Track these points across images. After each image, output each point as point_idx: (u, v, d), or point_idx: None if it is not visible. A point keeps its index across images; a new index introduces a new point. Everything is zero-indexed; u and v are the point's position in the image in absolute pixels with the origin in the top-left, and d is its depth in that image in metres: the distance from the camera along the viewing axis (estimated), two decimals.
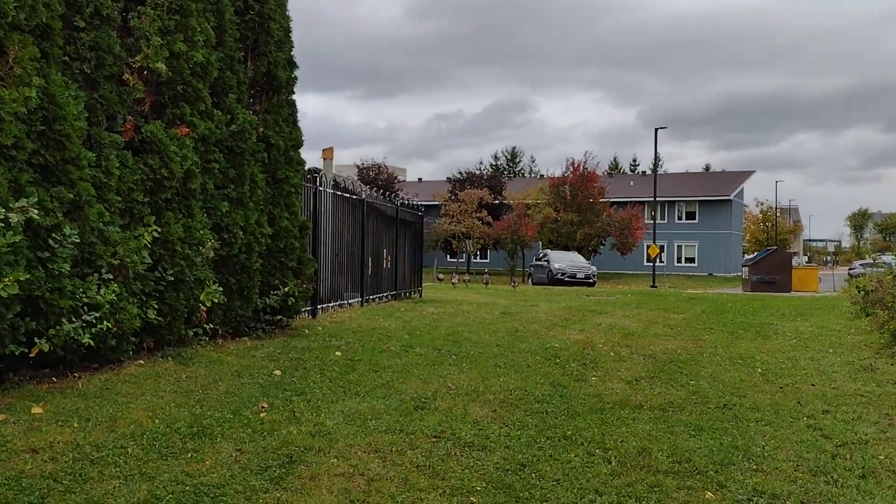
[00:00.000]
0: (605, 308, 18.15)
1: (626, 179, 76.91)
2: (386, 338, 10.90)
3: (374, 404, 6.49)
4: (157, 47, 7.57)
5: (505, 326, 13.29)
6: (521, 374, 8.42)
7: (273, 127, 10.40)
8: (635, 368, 9.17)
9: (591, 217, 52.30)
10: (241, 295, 9.58)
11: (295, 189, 10.82)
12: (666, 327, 14.10)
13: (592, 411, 6.74)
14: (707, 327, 14.18)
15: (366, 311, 15.11)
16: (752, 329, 13.94)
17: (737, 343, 11.86)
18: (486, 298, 21.43)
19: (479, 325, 13.29)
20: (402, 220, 18.89)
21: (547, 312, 16.51)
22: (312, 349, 9.30)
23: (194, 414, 5.77)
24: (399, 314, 14.71)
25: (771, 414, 6.96)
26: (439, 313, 15.47)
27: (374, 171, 62.06)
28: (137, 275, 7.37)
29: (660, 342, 11.68)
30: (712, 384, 8.30)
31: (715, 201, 64.13)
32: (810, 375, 9.10)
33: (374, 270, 17.23)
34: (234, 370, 7.59)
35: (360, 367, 8.25)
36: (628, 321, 14.98)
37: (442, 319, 14.16)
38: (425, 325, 12.85)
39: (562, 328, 13.45)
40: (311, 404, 6.36)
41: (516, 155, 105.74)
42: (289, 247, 10.65)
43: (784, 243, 79.83)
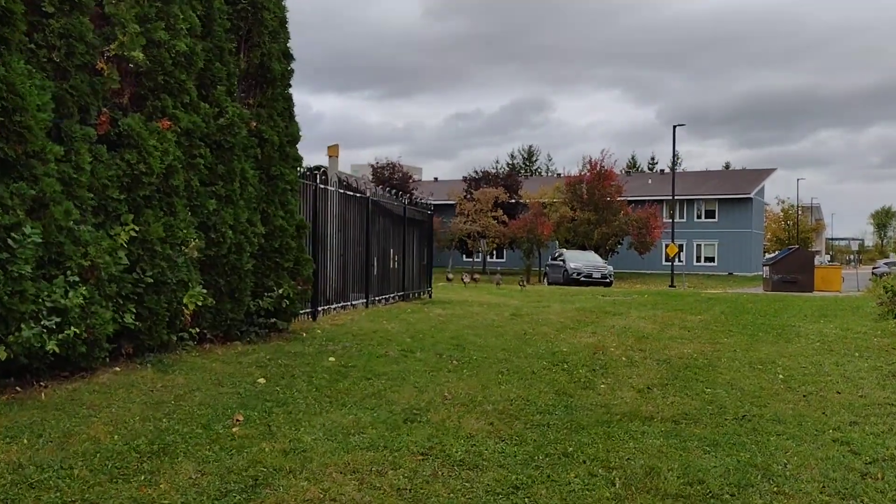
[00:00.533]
0: (619, 309, 17.58)
1: (644, 178, 76.05)
2: (386, 342, 10.41)
3: (360, 416, 5.98)
4: (133, 35, 7.11)
5: (513, 329, 12.76)
6: (525, 381, 7.89)
7: (267, 121, 9.93)
8: (648, 375, 8.62)
9: (608, 216, 51.58)
10: (231, 297, 9.12)
11: (291, 186, 10.35)
12: (682, 329, 13.52)
13: (598, 424, 6.21)
14: (725, 329, 13.58)
15: (370, 312, 14.63)
16: (772, 331, 13.33)
17: (757, 346, 11.27)
18: (498, 299, 20.90)
19: (486, 328, 12.77)
20: (410, 219, 18.40)
21: (559, 314, 15.97)
22: (306, 354, 8.82)
23: (159, 428, 5.30)
24: (404, 316, 14.21)
25: (794, 426, 6.40)
26: (447, 315, 14.96)
27: (389, 170, 61.62)
28: (112, 277, 6.91)
29: (675, 346, 11.12)
30: (730, 392, 7.74)
31: (735, 199, 63.18)
32: (836, 382, 8.52)
33: (381, 271, 16.75)
34: (216, 378, 7.11)
35: (353, 374, 7.75)
36: (643, 323, 14.41)
37: (448, 322, 13.66)
38: (430, 328, 12.34)
39: (573, 331, 12.90)
40: (290, 417, 5.87)
41: (533, 154, 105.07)
42: (284, 247, 10.18)
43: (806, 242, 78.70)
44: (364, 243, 15.20)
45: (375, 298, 16.19)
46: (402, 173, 62.08)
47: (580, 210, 51.92)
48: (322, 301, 13.60)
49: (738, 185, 64.97)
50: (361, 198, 15.04)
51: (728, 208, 63.55)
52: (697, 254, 64.48)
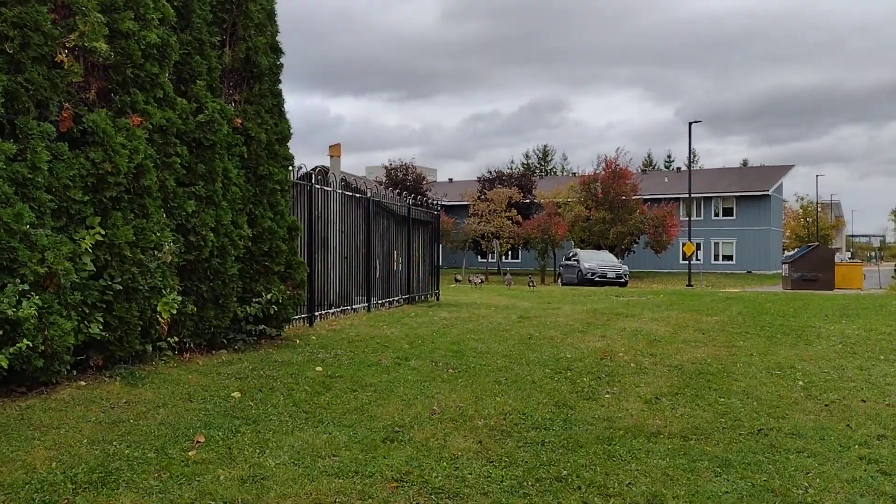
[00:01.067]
0: (632, 310, 16.98)
1: (660, 176, 75.16)
2: (382, 348, 9.89)
3: (335, 436, 5.45)
4: (95, 24, 6.61)
5: (519, 333, 12.21)
6: (523, 391, 7.34)
7: (254, 118, 9.43)
8: (657, 383, 8.05)
9: (623, 215, 50.83)
10: (215, 303, 8.62)
11: (281, 187, 9.85)
12: (697, 332, 12.92)
13: (599, 441, 5.66)
14: (742, 332, 12.97)
15: (372, 317, 14.11)
16: (792, 333, 12.70)
17: (775, 350, 10.65)
18: (508, 301, 20.34)
19: (490, 332, 12.22)
20: (415, 220, 17.87)
21: (569, 316, 15.40)
22: (292, 364, 8.31)
23: (107, 453, 4.79)
24: (407, 320, 13.69)
25: (815, 441, 5.82)
26: (452, 318, 14.43)
27: (402, 171, 61.15)
28: (75, 284, 6.42)
29: (688, 350, 10.53)
30: (745, 402, 7.16)
31: (753, 197, 62.21)
32: (860, 389, 7.92)
33: (384, 273, 16.24)
34: (187, 392, 6.60)
35: (338, 385, 7.23)
36: (656, 325, 13.82)
37: (452, 325, 13.12)
38: (431, 333, 11.81)
39: (581, 334, 12.33)
40: (258, 437, 5.35)
41: (548, 153, 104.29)
42: (274, 249, 9.67)
43: (825, 239, 77.54)
44: (365, 245, 14.69)
45: (379, 302, 15.68)
46: (415, 174, 61.60)
47: (595, 209, 51.21)
48: (321, 305, 13.11)
49: (755, 183, 63.99)
50: (362, 198, 14.52)
51: (746, 206, 62.60)
52: (715, 252, 63.57)
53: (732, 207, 63.29)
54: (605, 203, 51.16)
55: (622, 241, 51.03)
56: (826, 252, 35.14)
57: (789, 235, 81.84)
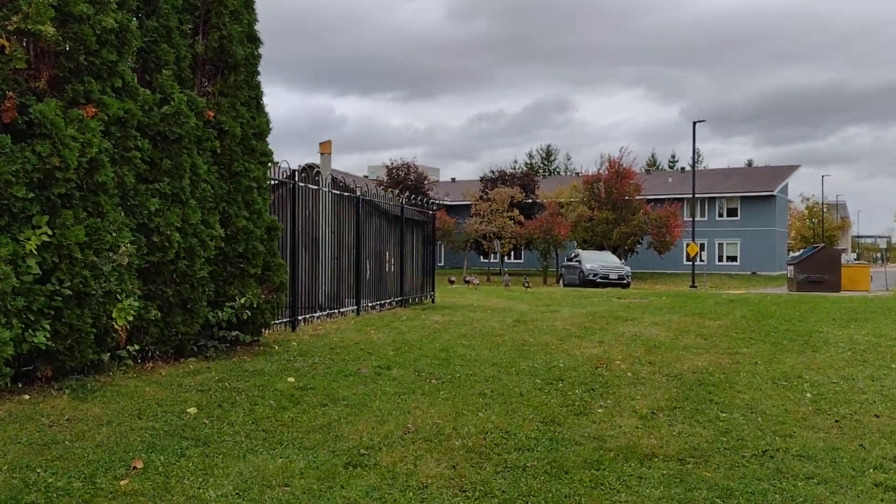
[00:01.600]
0: (633, 314, 16.41)
1: (664, 176, 74.55)
2: (365, 355, 9.34)
3: (292, 460, 4.90)
4: (40, 6, 6.06)
5: (512, 338, 11.65)
6: (509, 406, 6.78)
7: (228, 111, 8.89)
8: (655, 395, 7.49)
9: (626, 215, 50.28)
10: (183, 308, 8.08)
11: (258, 184, 9.30)
12: (699, 337, 12.35)
13: (586, 465, 5.10)
14: (746, 337, 12.39)
15: (361, 320, 13.56)
16: (798, 339, 12.13)
17: (781, 357, 10.09)
18: (505, 303, 19.77)
19: (482, 338, 11.67)
20: (409, 220, 17.32)
21: (566, 320, 14.83)
22: (264, 374, 7.76)
23: (27, 483, 4.23)
24: (397, 324, 13.14)
25: (826, 465, 5.27)
26: (444, 322, 13.88)
27: (404, 170, 60.59)
28: (17, 289, 5.88)
29: (690, 357, 9.97)
30: (749, 417, 6.60)
31: (758, 197, 61.55)
32: (872, 402, 7.36)
33: (376, 275, 15.70)
34: (139, 407, 6.05)
35: (308, 399, 6.67)
36: (657, 330, 13.25)
37: (444, 330, 12.57)
38: (420, 338, 11.26)
39: (578, 339, 11.77)
40: (205, 462, 4.79)
41: (551, 153, 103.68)
42: (250, 251, 9.13)
43: (831, 240, 76.86)
44: (354, 245, 14.13)
45: (369, 305, 15.13)
46: (417, 174, 61.02)
47: (598, 209, 50.66)
48: (308, 309, 12.57)
49: (760, 183, 63.33)
50: (352, 197, 13.97)
51: (750, 206, 61.94)
52: (719, 253, 62.93)
53: (737, 208, 62.64)
54: (608, 203, 50.62)
55: (625, 241, 50.49)
56: (832, 253, 34.51)
57: (794, 236, 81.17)
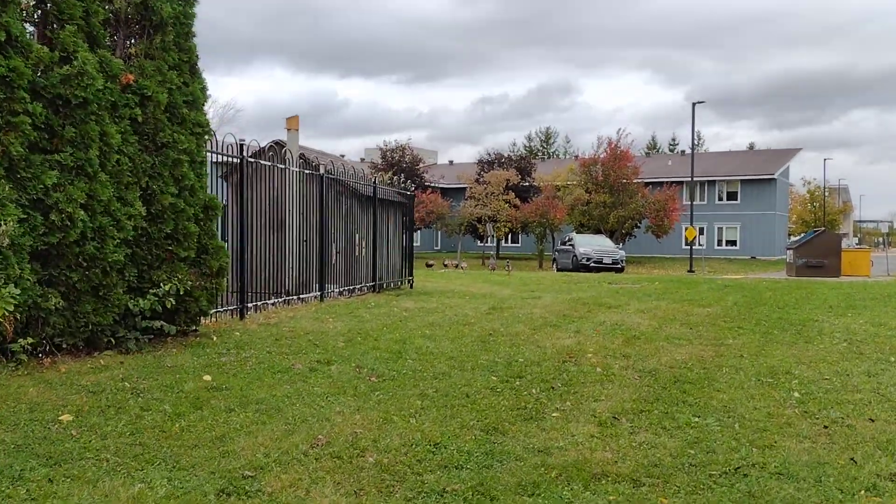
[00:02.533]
0: (619, 300, 15.54)
1: (664, 159, 73.55)
2: (310, 348, 8.47)
3: (154, 485, 4.00)
4: None
5: (482, 327, 10.78)
6: (450, 410, 5.90)
7: (153, 75, 7.96)
8: (622, 395, 6.61)
9: (624, 198, 49.26)
10: (94, 296, 7.19)
11: (190, 157, 8.39)
12: (684, 326, 11.48)
13: (520, 489, 4.23)
14: (735, 326, 11.52)
15: (324, 307, 12.67)
16: (791, 328, 11.25)
17: (769, 349, 9.21)
18: (489, 288, 18.88)
19: (450, 326, 10.80)
20: (385, 201, 16.41)
21: (546, 307, 13.96)
22: (180, 370, 6.88)
23: None
24: (362, 312, 12.26)
25: (809, 486, 4.41)
26: (414, 309, 13.00)
27: (399, 153, 59.54)
28: None
29: (669, 350, 9.09)
30: (725, 423, 5.73)
31: (758, 180, 60.51)
32: (867, 403, 6.50)
33: (346, 259, 14.81)
34: (4, 413, 5.17)
35: (215, 402, 5.78)
36: (640, 318, 12.37)
37: (410, 318, 11.70)
38: (380, 328, 10.38)
39: (553, 329, 10.89)
40: (42, 489, 3.89)
41: (550, 136, 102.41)
42: (181, 232, 8.23)
43: (833, 224, 75.83)
44: (317, 227, 13.22)
45: (337, 290, 14.24)
46: (411, 156, 59.99)
47: (595, 192, 49.64)
48: (272, 294, 11.69)
49: (761, 166, 62.25)
50: (313, 175, 13.05)
51: (751, 190, 60.91)
52: (719, 237, 61.97)
53: (737, 191, 61.59)
54: (605, 186, 49.59)
55: (623, 225, 49.51)
56: (832, 237, 33.59)
57: (795, 220, 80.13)
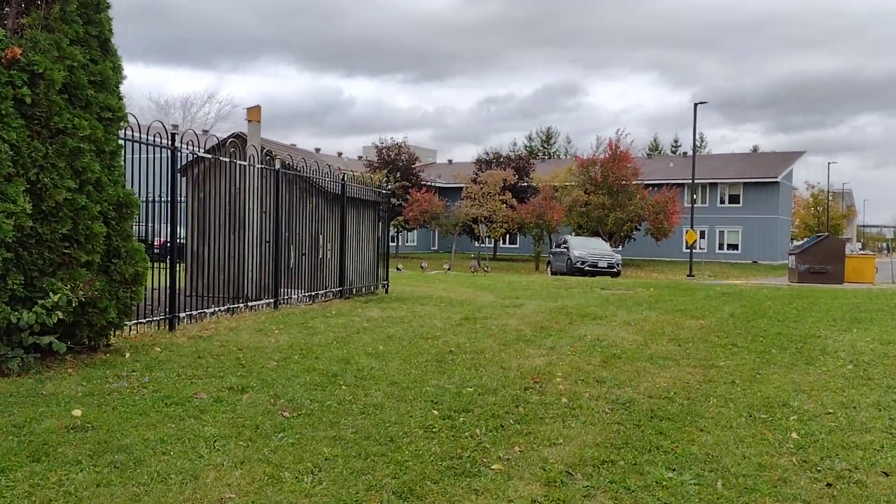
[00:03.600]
0: (607, 310, 14.38)
1: (665, 161, 72.43)
2: (234, 368, 7.33)
3: None
4: None
5: (446, 342, 9.63)
6: (364, 460, 4.74)
7: (48, 50, 6.81)
8: (585, 436, 5.47)
9: (623, 200, 48.15)
10: None
11: (95, 146, 7.24)
12: (672, 343, 10.34)
13: None
14: (729, 343, 10.37)
15: (275, 316, 11.51)
16: (791, 345, 10.10)
17: (766, 373, 8.07)
18: (471, 294, 17.69)
19: (409, 341, 9.65)
20: (355, 200, 15.25)
21: (525, 317, 12.80)
22: (53, 400, 5.72)
23: None
24: (317, 322, 11.10)
25: None
26: (378, 319, 11.85)
27: (394, 151, 58.40)
28: None
29: (652, 373, 7.95)
30: (705, 481, 4.59)
31: (761, 183, 59.34)
32: (879, 448, 5.39)
33: (310, 262, 13.67)
34: None
35: (59, 452, 4.60)
36: (625, 332, 11.22)
37: (369, 330, 10.55)
38: (327, 343, 9.23)
39: (525, 345, 9.75)
40: None
41: (551, 136, 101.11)
42: (81, 232, 7.08)
43: (836, 229, 74.66)
44: (272, 227, 12.05)
45: (296, 297, 13.09)
46: (408, 154, 58.86)
47: (594, 194, 48.48)
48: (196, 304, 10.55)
49: (764, 169, 61.07)
50: (266, 170, 11.88)
51: (753, 193, 59.73)
52: (720, 241, 60.83)
53: (739, 194, 60.44)
54: (603, 187, 48.46)
55: (622, 227, 48.39)
56: (836, 243, 32.41)
57: (798, 225, 79.00)
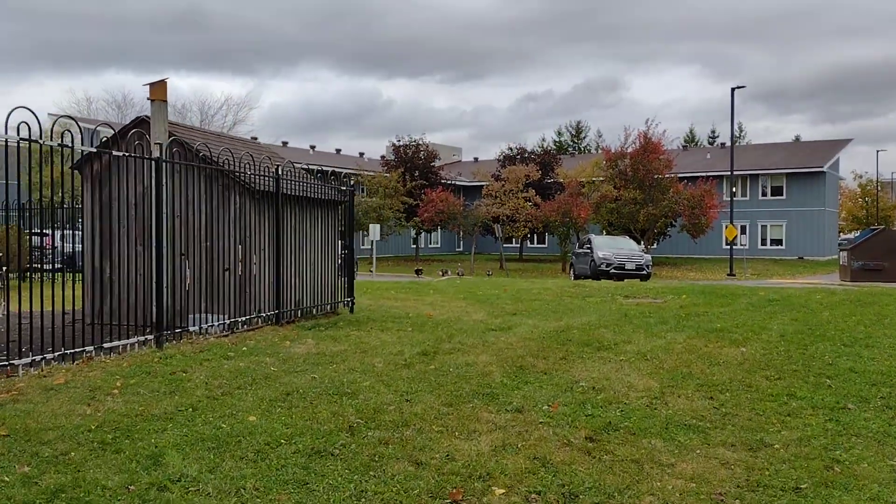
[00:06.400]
0: (621, 332, 11.17)
1: (702, 152, 68.45)
2: None
3: None
4: None
5: (360, 405, 6.57)
6: None
7: None
8: None
9: (655, 194, 44.52)
10: None
11: None
12: (701, 391, 7.21)
13: None
14: (784, 392, 7.20)
15: (147, 360, 8.47)
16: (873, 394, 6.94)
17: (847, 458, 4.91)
18: (460, 310, 14.47)
19: (307, 404, 6.62)
20: (299, 200, 12.16)
21: (504, 350, 9.63)
22: None
23: None
24: (200, 369, 8.07)
25: None
26: (301, 358, 8.80)
27: (412, 148, 55.33)
28: None
29: (663, 466, 4.84)
30: None
31: (805, 174, 55.20)
32: None
33: (238, 278, 10.64)
34: None
35: None
36: (635, 374, 8.06)
37: (268, 381, 7.52)
38: (171, 413, 6.21)
39: (481, 405, 6.66)
40: None
41: (581, 130, 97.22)
42: None
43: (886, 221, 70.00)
44: (154, 233, 8.96)
45: (210, 325, 10.04)
46: (427, 152, 55.75)
47: (624, 188, 44.91)
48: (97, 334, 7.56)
49: (808, 159, 56.86)
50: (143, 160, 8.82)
51: (798, 184, 55.61)
52: (762, 236, 56.77)
53: (782, 186, 56.34)
54: (634, 181, 44.87)
55: (655, 224, 44.78)
56: (893, 236, 28.72)
57: (846, 217, 74.43)
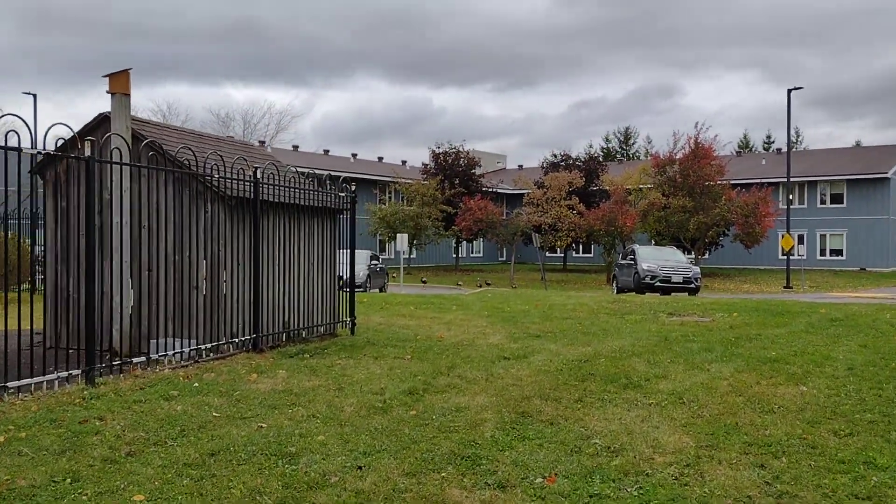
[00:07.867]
0: (656, 363, 9.43)
1: (756, 158, 65.73)
2: None
3: None
4: None
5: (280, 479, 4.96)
6: None
7: None
8: None
9: (706, 202, 42.27)
10: None
11: None
12: (749, 456, 5.48)
13: None
14: (860, 458, 5.46)
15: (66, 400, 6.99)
16: None
17: None
18: (476, 329, 12.81)
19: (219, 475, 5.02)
20: (285, 207, 10.64)
21: (509, 387, 7.95)
22: None
23: None
24: (115, 419, 6.55)
25: None
26: (260, 398, 7.25)
27: (452, 156, 53.74)
28: None
29: None
30: None
31: (867, 180, 52.23)
32: None
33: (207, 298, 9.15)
34: None
35: None
36: (666, 427, 6.34)
37: (192, 435, 6.04)
38: (40, 490, 4.66)
39: (452, 479, 5.01)
40: None
41: (629, 136, 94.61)
42: None
43: None
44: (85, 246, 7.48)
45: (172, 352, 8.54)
46: (467, 159, 54.13)
47: (673, 196, 42.74)
48: None
49: (871, 164, 53.81)
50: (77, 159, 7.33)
51: (859, 191, 52.64)
52: (821, 246, 53.88)
53: (842, 193, 53.42)
54: (684, 188, 42.68)
55: (706, 233, 42.51)
56: None
57: None
